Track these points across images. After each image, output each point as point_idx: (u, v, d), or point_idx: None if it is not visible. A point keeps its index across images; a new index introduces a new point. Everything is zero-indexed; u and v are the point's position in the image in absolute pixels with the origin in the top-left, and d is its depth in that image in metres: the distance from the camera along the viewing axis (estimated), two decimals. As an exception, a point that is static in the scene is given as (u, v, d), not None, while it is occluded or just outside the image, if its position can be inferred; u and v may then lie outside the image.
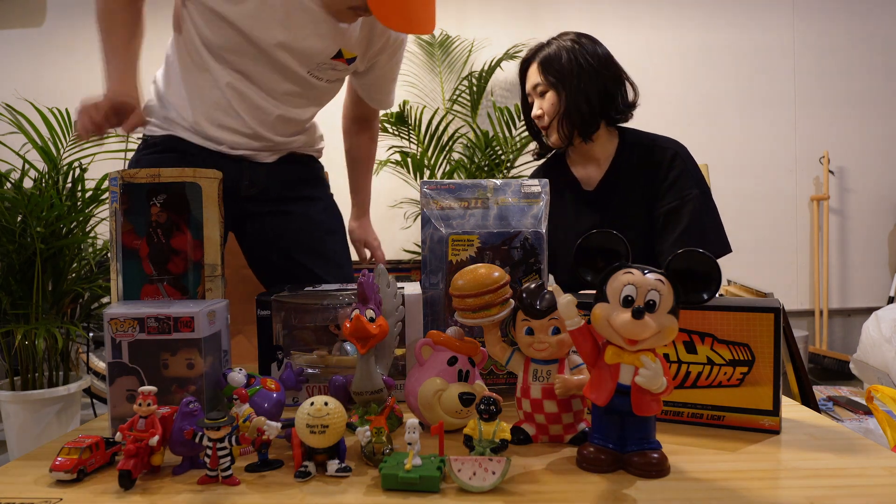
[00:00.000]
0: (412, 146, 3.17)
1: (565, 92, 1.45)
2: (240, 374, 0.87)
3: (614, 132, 1.54)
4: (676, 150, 1.48)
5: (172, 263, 1.01)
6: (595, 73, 1.45)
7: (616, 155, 1.52)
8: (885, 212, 3.54)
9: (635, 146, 1.51)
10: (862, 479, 0.74)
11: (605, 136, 1.52)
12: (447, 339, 0.89)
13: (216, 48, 1.35)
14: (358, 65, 1.42)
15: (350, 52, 1.34)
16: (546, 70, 1.48)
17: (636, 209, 1.48)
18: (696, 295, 0.77)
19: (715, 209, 1.49)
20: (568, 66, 1.45)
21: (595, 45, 1.49)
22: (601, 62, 1.47)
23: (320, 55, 1.33)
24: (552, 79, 1.47)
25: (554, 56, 1.48)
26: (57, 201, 2.37)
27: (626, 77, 1.50)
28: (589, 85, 1.45)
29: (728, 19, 3.50)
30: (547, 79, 1.48)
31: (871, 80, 3.52)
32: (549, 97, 1.48)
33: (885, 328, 2.74)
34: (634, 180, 1.49)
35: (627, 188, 1.49)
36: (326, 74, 1.38)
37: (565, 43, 1.48)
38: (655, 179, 1.47)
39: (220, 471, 0.75)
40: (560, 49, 1.48)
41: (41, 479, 0.77)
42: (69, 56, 3.58)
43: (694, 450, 0.84)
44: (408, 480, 0.71)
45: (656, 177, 1.47)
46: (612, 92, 1.47)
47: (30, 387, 2.41)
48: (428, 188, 1.09)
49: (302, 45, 1.31)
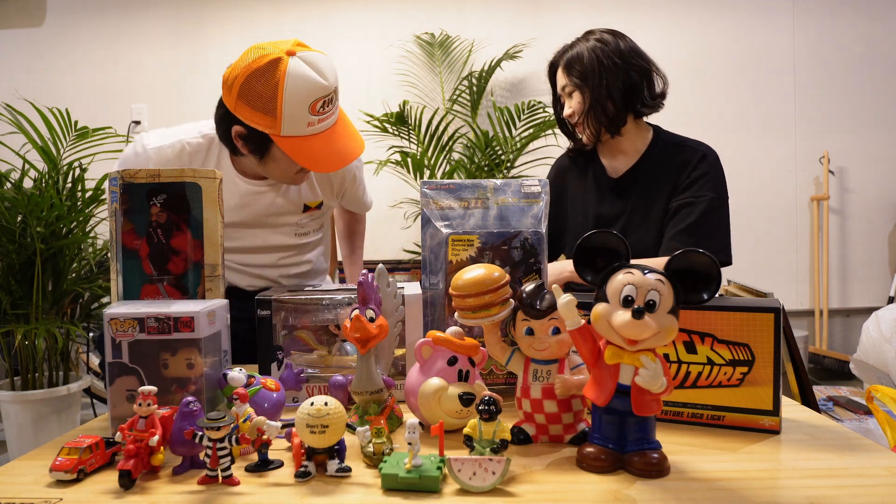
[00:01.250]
0: (412, 146, 3.17)
1: (589, 91, 1.50)
2: (240, 374, 0.87)
3: (646, 128, 1.59)
4: (705, 153, 1.52)
5: (172, 263, 1.01)
6: (617, 69, 1.48)
7: (647, 150, 1.56)
8: (885, 212, 3.54)
9: (667, 144, 1.56)
10: (862, 479, 0.74)
11: (633, 130, 1.57)
12: (447, 339, 0.89)
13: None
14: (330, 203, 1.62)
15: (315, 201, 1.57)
16: (570, 71, 1.53)
17: (658, 200, 1.52)
18: (696, 295, 0.77)
19: (727, 219, 1.51)
20: (590, 66, 1.50)
21: (619, 40, 1.52)
22: (624, 57, 1.50)
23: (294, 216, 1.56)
24: (576, 79, 1.52)
25: (576, 57, 1.53)
26: (57, 201, 2.36)
27: (655, 68, 1.54)
28: (612, 81, 1.48)
29: (728, 19, 3.50)
30: (571, 80, 1.53)
31: (871, 80, 3.51)
32: (575, 97, 1.54)
33: (885, 328, 2.74)
34: (660, 173, 1.53)
35: (652, 179, 1.54)
36: (306, 227, 1.60)
37: (588, 43, 1.53)
38: (680, 175, 1.51)
39: (220, 471, 0.75)
40: (582, 50, 1.52)
41: (41, 479, 0.77)
42: (69, 56, 3.58)
43: (694, 450, 0.84)
44: (408, 480, 0.71)
45: (681, 173, 1.51)
46: (638, 85, 1.50)
47: (30, 387, 2.41)
48: (428, 188, 1.09)
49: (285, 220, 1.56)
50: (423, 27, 3.44)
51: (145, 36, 3.57)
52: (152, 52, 3.57)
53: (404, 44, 3.47)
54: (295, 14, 3.54)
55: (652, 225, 1.52)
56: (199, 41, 3.55)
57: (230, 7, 3.55)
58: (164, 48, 3.57)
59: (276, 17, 3.54)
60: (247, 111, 1.27)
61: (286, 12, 3.54)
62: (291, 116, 1.25)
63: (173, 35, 3.56)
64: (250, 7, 3.55)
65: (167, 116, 3.54)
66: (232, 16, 3.55)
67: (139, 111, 3.56)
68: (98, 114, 3.27)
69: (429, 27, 3.44)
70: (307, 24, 3.53)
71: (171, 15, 3.56)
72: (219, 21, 3.55)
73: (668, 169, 1.53)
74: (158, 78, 3.56)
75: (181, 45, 3.56)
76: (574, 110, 1.55)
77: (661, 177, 1.53)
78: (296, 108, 1.25)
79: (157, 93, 3.56)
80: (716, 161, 1.53)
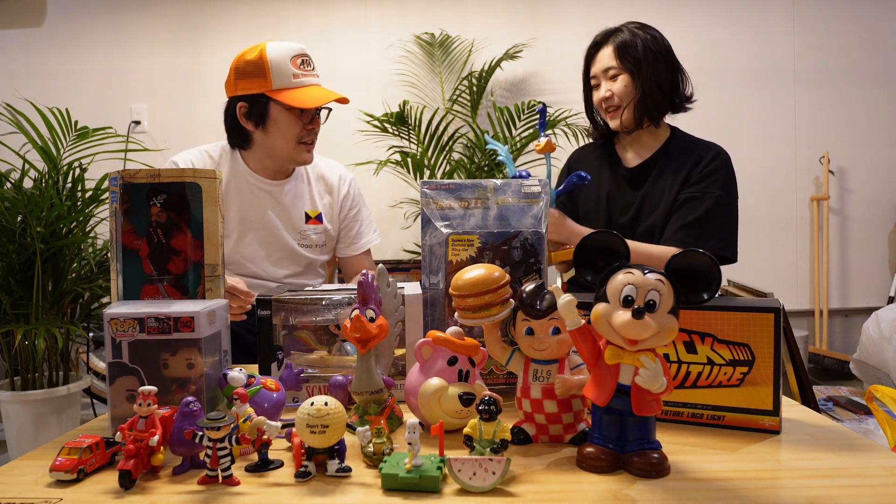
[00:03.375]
0: (412, 146, 3.17)
1: (640, 77, 1.53)
2: (240, 374, 0.87)
3: (665, 126, 1.65)
4: (719, 152, 1.57)
5: (172, 263, 1.01)
6: (665, 62, 1.55)
7: (663, 145, 1.61)
8: (885, 212, 3.54)
9: (683, 141, 1.62)
10: (862, 479, 0.74)
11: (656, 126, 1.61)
12: (447, 339, 0.89)
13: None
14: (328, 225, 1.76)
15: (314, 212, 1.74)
16: (622, 55, 1.55)
17: (669, 190, 1.55)
18: (696, 295, 0.77)
19: (734, 217, 1.55)
20: (643, 53, 1.53)
21: (662, 36, 1.58)
22: (668, 53, 1.57)
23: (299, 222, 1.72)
24: (629, 64, 1.54)
25: (630, 42, 1.55)
26: (57, 201, 2.36)
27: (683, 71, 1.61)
28: (661, 72, 1.54)
29: (729, 19, 3.50)
30: (623, 63, 1.55)
31: (871, 80, 3.51)
32: (621, 80, 1.55)
33: (885, 328, 2.74)
34: (674, 166, 1.57)
35: (665, 171, 1.58)
36: (309, 240, 1.73)
37: (638, 31, 1.56)
38: (692, 169, 1.55)
39: (220, 471, 0.75)
40: (634, 36, 1.55)
41: (41, 479, 0.77)
42: (69, 56, 3.57)
43: (694, 450, 0.84)
44: (408, 480, 0.71)
45: (693, 167, 1.55)
46: (677, 81, 1.58)
47: (30, 387, 2.41)
48: (428, 188, 1.09)
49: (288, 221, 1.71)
50: (423, 27, 3.44)
51: (146, 36, 3.57)
52: (152, 52, 3.57)
53: (404, 44, 3.46)
54: (295, 14, 3.54)
55: (662, 213, 1.56)
56: (200, 41, 3.55)
57: (231, 7, 3.55)
58: (164, 48, 3.57)
59: (277, 17, 3.54)
60: (242, 83, 1.57)
61: (286, 12, 3.54)
62: (278, 70, 1.54)
63: (174, 35, 3.56)
64: (251, 7, 3.54)
65: (167, 116, 3.55)
66: (233, 16, 3.55)
67: (139, 111, 3.56)
68: (98, 114, 3.27)
69: (429, 27, 3.44)
70: (307, 25, 3.53)
71: (172, 15, 3.56)
72: (219, 21, 3.55)
73: (681, 163, 1.57)
74: (158, 78, 3.56)
75: (181, 45, 3.56)
76: (615, 93, 1.55)
77: (674, 170, 1.57)
78: (280, 63, 1.54)
79: (157, 93, 3.56)
80: (728, 161, 1.57)
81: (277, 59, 1.54)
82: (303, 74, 1.57)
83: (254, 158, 1.67)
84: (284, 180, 1.70)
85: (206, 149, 1.69)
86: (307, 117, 1.61)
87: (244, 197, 1.66)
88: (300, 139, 1.61)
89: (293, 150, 1.62)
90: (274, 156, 1.64)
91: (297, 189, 1.72)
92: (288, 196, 1.70)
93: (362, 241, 1.82)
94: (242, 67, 1.57)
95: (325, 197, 1.76)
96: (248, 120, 1.60)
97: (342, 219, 1.80)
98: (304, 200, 1.73)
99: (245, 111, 1.60)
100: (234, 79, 1.58)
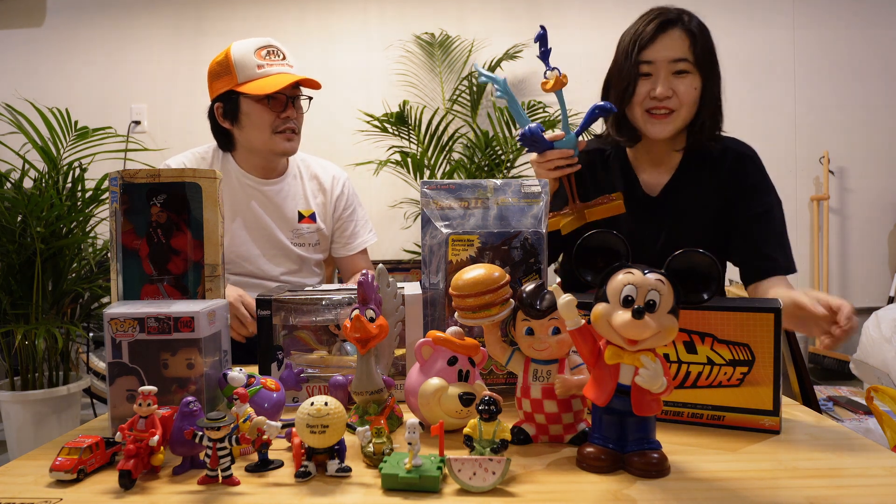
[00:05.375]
0: (412, 146, 3.17)
1: (707, 78, 1.24)
2: (240, 374, 0.87)
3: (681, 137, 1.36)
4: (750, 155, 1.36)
5: (172, 263, 1.01)
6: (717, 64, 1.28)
7: (682, 162, 1.35)
8: (885, 212, 3.54)
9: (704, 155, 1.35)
10: (862, 479, 0.74)
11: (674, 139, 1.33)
12: (447, 339, 0.89)
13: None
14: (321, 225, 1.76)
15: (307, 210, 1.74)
16: (695, 45, 1.21)
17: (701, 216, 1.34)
18: (696, 295, 0.77)
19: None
20: (711, 50, 1.24)
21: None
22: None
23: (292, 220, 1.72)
24: (705, 62, 1.22)
25: (700, 31, 1.23)
26: (57, 201, 2.36)
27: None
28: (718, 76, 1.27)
29: (728, 20, 3.50)
30: (696, 56, 1.21)
31: (871, 80, 3.51)
32: (691, 80, 1.23)
33: (885, 328, 2.74)
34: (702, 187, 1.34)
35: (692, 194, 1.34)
36: (303, 239, 1.73)
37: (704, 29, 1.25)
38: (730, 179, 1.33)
39: (220, 471, 0.75)
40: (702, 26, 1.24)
41: (41, 479, 0.77)
42: (69, 56, 3.58)
43: (694, 450, 0.84)
44: (408, 480, 0.71)
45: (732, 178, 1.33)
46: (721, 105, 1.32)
47: (30, 387, 2.41)
48: (428, 188, 1.09)
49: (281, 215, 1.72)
50: (423, 27, 3.44)
51: (145, 36, 3.57)
52: (152, 52, 3.57)
53: (404, 44, 3.46)
54: (295, 14, 3.54)
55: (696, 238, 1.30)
56: (199, 41, 3.55)
57: (230, 7, 3.55)
58: (164, 48, 3.57)
59: (277, 17, 3.54)
60: (214, 84, 1.61)
61: (286, 12, 3.54)
62: (242, 64, 1.56)
63: (173, 35, 3.56)
64: (251, 7, 3.54)
65: (167, 116, 3.55)
66: (232, 16, 3.55)
67: (139, 111, 3.56)
68: (98, 114, 3.27)
69: (429, 27, 3.44)
70: (307, 25, 3.53)
71: (172, 15, 3.56)
72: (219, 21, 3.55)
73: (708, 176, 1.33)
74: (158, 78, 3.56)
75: (181, 45, 3.56)
76: (678, 93, 1.22)
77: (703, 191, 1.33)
78: (243, 57, 1.56)
79: (157, 93, 3.56)
80: (759, 158, 1.37)
81: (241, 54, 1.57)
82: (267, 64, 1.58)
83: (241, 157, 1.69)
84: (277, 179, 1.71)
85: (197, 151, 1.71)
86: (277, 105, 1.59)
87: (237, 196, 1.67)
88: (275, 129, 1.60)
89: (270, 141, 1.61)
90: (255, 150, 1.65)
91: (291, 188, 1.73)
92: (281, 195, 1.71)
93: (358, 240, 1.83)
94: (213, 70, 1.61)
95: (318, 196, 1.78)
96: (224, 119, 1.63)
97: (336, 218, 1.80)
98: (298, 199, 1.74)
99: (221, 111, 1.63)
100: (210, 83, 1.63)
